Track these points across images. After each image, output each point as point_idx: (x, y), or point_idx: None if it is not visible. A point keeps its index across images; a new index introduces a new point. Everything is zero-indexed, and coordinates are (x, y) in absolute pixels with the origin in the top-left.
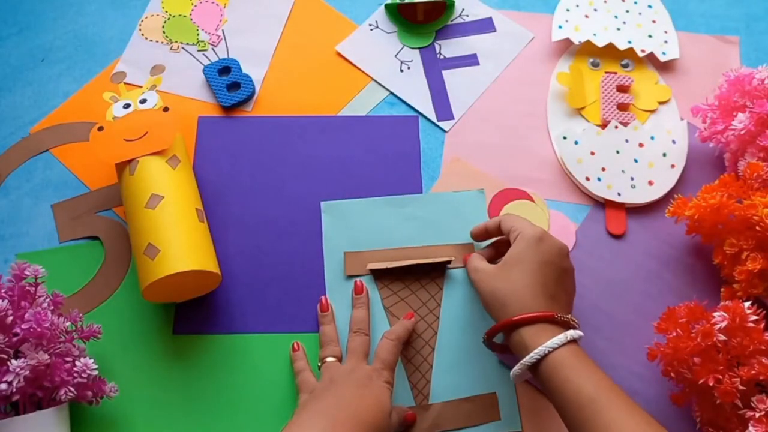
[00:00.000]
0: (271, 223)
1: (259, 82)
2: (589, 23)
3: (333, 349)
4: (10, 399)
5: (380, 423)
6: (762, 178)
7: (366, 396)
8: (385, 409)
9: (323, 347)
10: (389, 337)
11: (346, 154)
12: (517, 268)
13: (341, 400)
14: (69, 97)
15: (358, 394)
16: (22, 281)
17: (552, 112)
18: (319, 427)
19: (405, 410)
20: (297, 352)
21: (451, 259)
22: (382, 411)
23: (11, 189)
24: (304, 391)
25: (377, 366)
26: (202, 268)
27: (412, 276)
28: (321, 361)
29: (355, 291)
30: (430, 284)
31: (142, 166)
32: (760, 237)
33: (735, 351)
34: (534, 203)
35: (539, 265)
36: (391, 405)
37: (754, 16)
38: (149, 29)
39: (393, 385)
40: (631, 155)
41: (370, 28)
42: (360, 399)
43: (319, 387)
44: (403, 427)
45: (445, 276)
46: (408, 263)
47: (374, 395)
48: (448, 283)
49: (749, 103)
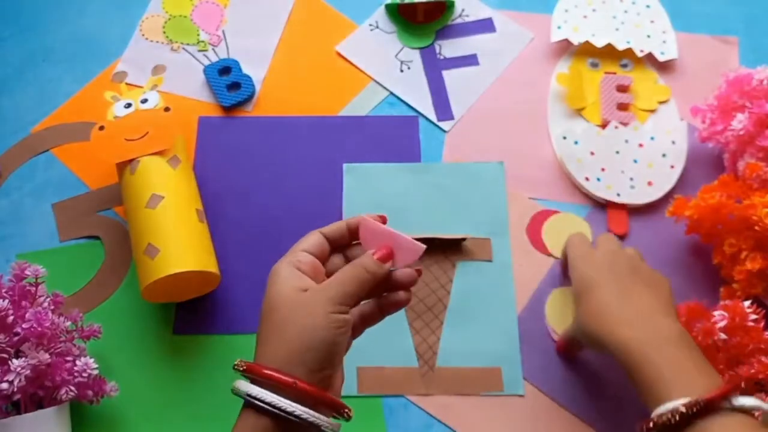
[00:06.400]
0: (271, 223)
1: (259, 82)
2: (587, 24)
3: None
4: (11, 398)
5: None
6: (761, 178)
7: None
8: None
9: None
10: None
11: (347, 154)
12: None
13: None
14: (70, 97)
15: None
16: (23, 281)
17: (552, 113)
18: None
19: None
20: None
21: (467, 237)
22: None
23: (12, 189)
24: None
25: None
26: (201, 269)
27: (427, 250)
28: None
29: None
30: (443, 260)
31: (142, 166)
32: (760, 237)
33: (735, 350)
34: (570, 215)
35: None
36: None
37: (753, 17)
38: (150, 29)
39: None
40: (630, 156)
41: (370, 28)
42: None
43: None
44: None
45: (460, 252)
46: (423, 236)
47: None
48: (461, 260)
49: (748, 103)
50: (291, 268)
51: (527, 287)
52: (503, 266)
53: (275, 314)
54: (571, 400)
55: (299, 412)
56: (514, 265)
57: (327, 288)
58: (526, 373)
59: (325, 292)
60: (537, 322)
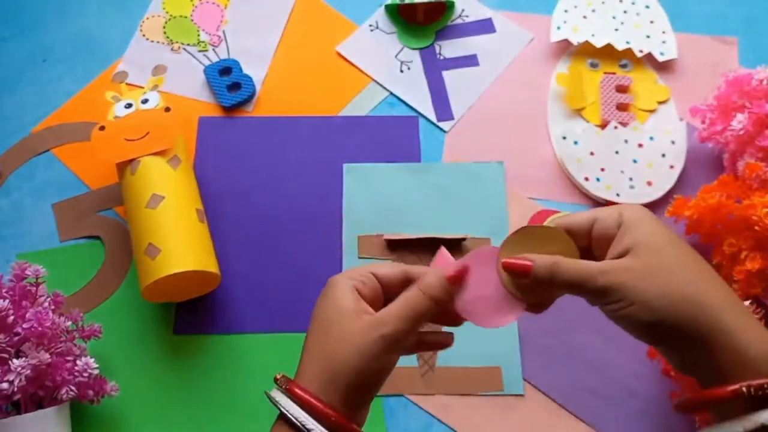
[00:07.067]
0: (271, 223)
1: (259, 82)
2: (587, 24)
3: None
4: (12, 398)
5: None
6: (761, 178)
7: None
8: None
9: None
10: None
11: (347, 155)
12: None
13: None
14: (70, 98)
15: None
16: (23, 281)
17: (551, 113)
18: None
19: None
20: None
21: (467, 236)
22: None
23: (12, 189)
24: None
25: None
26: (202, 268)
27: (426, 249)
28: None
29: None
30: None
31: (143, 166)
32: (759, 237)
33: None
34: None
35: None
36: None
37: (753, 17)
38: (150, 30)
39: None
40: (630, 156)
41: (371, 29)
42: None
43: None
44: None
45: (461, 252)
46: (424, 236)
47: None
48: (462, 260)
49: (748, 103)
50: (350, 285)
51: None
52: None
53: (328, 336)
54: (571, 400)
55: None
56: None
57: (384, 323)
58: (526, 373)
59: (381, 328)
60: (537, 322)
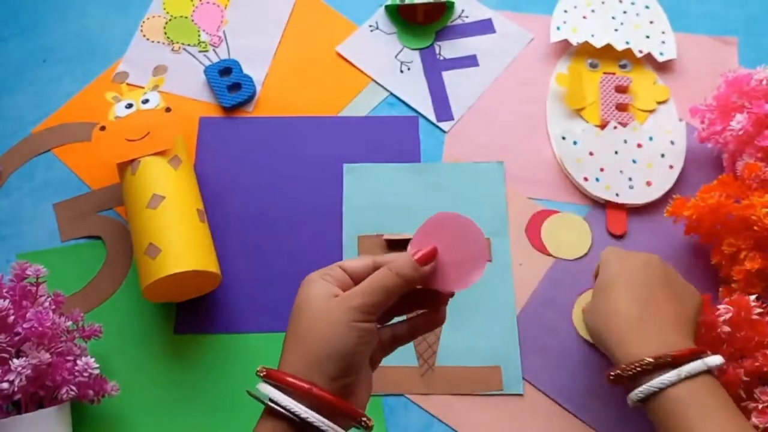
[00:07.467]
0: (271, 224)
1: (259, 82)
2: (586, 24)
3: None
4: (12, 398)
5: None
6: (760, 179)
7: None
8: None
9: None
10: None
11: (347, 155)
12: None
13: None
14: (71, 98)
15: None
16: (24, 281)
17: (551, 113)
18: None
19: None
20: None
21: None
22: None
23: (13, 189)
24: None
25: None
26: (202, 268)
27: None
28: None
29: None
30: None
31: (143, 166)
32: (759, 237)
33: (739, 344)
34: (569, 214)
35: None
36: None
37: (753, 17)
38: (151, 30)
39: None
40: (629, 156)
41: (371, 29)
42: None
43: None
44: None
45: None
46: None
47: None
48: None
49: (747, 103)
50: (318, 278)
51: (527, 287)
52: (503, 266)
53: (300, 321)
54: (571, 400)
55: (312, 419)
56: (514, 264)
57: (351, 297)
58: (526, 373)
59: (349, 301)
60: (536, 322)
